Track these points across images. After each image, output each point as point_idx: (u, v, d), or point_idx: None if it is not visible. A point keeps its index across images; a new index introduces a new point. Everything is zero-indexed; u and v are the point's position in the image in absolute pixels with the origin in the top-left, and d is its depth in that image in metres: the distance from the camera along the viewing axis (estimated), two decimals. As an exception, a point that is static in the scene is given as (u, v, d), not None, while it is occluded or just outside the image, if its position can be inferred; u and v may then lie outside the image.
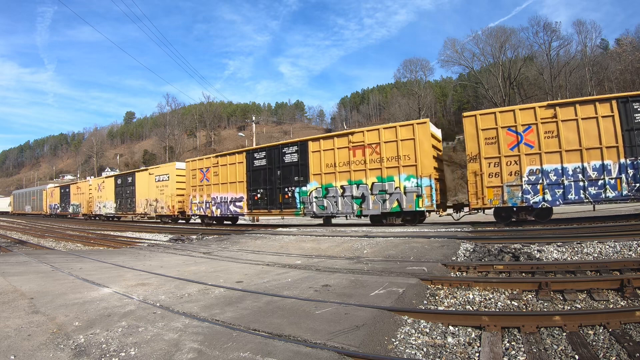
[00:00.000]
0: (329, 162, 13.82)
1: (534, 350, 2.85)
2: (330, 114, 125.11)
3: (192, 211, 19.86)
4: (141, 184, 24.26)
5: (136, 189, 24.84)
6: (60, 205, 38.16)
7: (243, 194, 16.85)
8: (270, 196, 15.65)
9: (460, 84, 70.44)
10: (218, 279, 5.29)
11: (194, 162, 20.05)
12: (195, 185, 19.47)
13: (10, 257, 8.45)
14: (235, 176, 17.26)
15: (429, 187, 11.66)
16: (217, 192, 18.26)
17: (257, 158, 16.37)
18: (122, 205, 26.61)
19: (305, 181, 14.48)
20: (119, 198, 27.00)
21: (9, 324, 3.19)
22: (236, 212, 17.41)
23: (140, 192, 24.42)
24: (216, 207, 18.26)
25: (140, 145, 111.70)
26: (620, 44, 53.80)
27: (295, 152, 14.96)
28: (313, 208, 14.17)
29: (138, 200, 24.58)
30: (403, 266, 5.67)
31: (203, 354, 2.55)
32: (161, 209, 22.19)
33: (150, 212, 23.37)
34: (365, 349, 2.66)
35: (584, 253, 6.13)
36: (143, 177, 24.33)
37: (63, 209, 37.40)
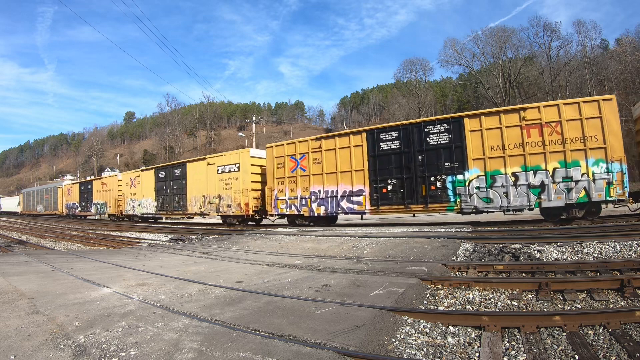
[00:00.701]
0: (495, 143, 11.15)
1: (534, 350, 2.85)
2: (330, 114, 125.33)
3: (278, 209, 15.51)
4: (196, 176, 19.44)
5: (188, 184, 19.96)
6: (80, 205, 33.08)
7: (363, 185, 13.13)
8: (409, 188, 12.25)
9: (460, 84, 70.46)
10: (218, 279, 5.29)
11: (279, 148, 15.60)
12: (283, 177, 15.27)
13: (10, 257, 8.45)
14: (350, 163, 13.47)
15: (620, 173, 10.01)
16: (318, 184, 14.19)
17: (384, 139, 12.82)
18: (166, 203, 21.52)
19: (462, 168, 11.54)
20: (161, 195, 21.92)
21: (9, 324, 3.19)
22: (351, 210, 13.55)
23: (194, 187, 19.61)
24: (318, 204, 14.20)
25: (140, 145, 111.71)
26: (620, 44, 53.76)
27: (444, 131, 11.90)
28: (474, 201, 11.31)
29: (190, 198, 19.73)
30: (403, 266, 5.67)
31: (203, 354, 2.55)
32: (227, 207, 17.56)
33: (209, 212, 18.80)
34: (365, 349, 2.66)
35: (584, 253, 6.13)
36: (198, 168, 19.41)
37: (83, 208, 32.43)
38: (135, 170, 27.25)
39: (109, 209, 27.99)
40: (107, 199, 28.30)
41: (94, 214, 31.23)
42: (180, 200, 20.65)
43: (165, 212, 21.93)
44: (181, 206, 20.49)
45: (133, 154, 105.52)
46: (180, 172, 20.69)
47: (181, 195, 20.51)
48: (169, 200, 21.44)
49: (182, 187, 20.46)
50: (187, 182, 20.14)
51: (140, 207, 23.89)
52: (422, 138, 12.22)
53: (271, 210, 15.88)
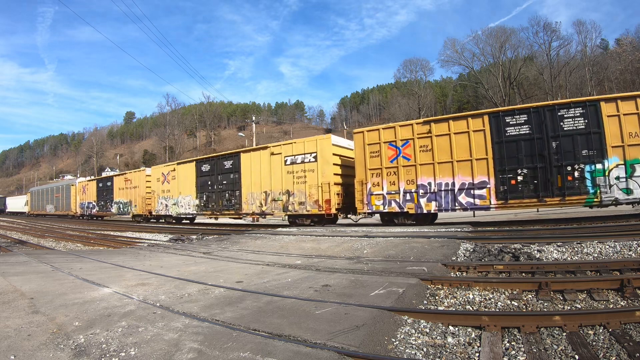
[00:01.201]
0: (633, 130, 10.03)
1: (534, 350, 2.85)
2: (330, 114, 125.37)
3: (372, 206, 13.14)
4: (253, 169, 16.43)
5: (242, 178, 16.86)
6: (97, 204, 29.69)
7: (486, 176, 11.32)
8: (542, 178, 10.72)
9: (460, 84, 70.52)
10: (218, 279, 5.29)
11: (373, 133, 13.21)
12: (379, 168, 12.97)
13: (10, 257, 8.45)
14: (469, 151, 11.60)
15: None
16: (428, 176, 12.19)
17: (510, 124, 11.18)
18: (212, 201, 18.44)
19: (600, 156, 10.33)
20: (204, 192, 18.84)
21: (9, 324, 3.19)
22: (472, 205, 11.61)
23: (251, 182, 16.51)
24: (428, 199, 12.22)
25: (140, 145, 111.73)
26: (620, 44, 53.83)
27: (579, 115, 10.63)
28: (614, 192, 10.14)
29: (246, 194, 16.63)
30: (403, 266, 5.67)
31: (203, 354, 2.55)
32: (299, 205, 14.73)
33: (273, 211, 15.78)
34: (365, 349, 2.66)
35: (584, 253, 6.13)
36: (257, 159, 16.38)
37: (102, 208, 28.96)
38: (169, 163, 23.35)
39: (135, 208, 24.51)
40: (132, 197, 24.81)
41: (115, 215, 27.86)
42: (232, 197, 17.31)
43: (211, 212, 18.50)
44: (233, 205, 17.16)
45: (133, 154, 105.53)
46: (232, 164, 17.45)
47: (233, 192, 17.25)
48: (216, 197, 18.03)
49: (235, 182, 17.23)
50: (241, 176, 16.93)
51: (176, 206, 20.56)
52: (556, 122, 10.74)
53: (362, 208, 13.29)
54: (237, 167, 17.25)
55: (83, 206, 32.55)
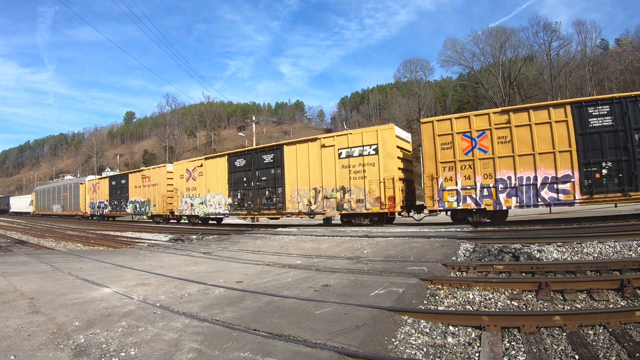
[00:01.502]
0: None
1: (534, 350, 2.85)
2: (330, 114, 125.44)
3: (445, 203, 11.96)
4: (299, 163, 14.75)
5: (286, 173, 15.12)
6: (110, 203, 27.53)
7: (570, 170, 10.52)
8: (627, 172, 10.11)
9: (460, 84, 70.53)
10: (218, 279, 5.29)
11: (444, 123, 12.16)
12: (452, 161, 11.90)
13: (10, 257, 8.45)
14: (552, 142, 10.71)
15: None
16: (507, 169, 11.21)
17: (593, 114, 10.54)
18: (248, 200, 16.44)
19: None
20: (238, 189, 16.92)
21: (9, 324, 3.19)
22: (555, 200, 10.78)
23: (296, 178, 14.79)
24: (508, 195, 11.17)
25: (140, 145, 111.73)
26: (620, 44, 53.85)
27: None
28: None
29: (290, 192, 14.92)
30: (403, 266, 5.67)
31: (203, 354, 2.55)
32: (356, 203, 13.25)
33: (325, 209, 14.01)
34: (365, 349, 2.66)
35: (584, 253, 6.13)
36: (304, 152, 14.61)
37: (115, 207, 26.81)
38: (195, 158, 20.68)
39: (153, 208, 22.32)
40: (151, 195, 22.66)
41: (130, 215, 25.54)
42: (272, 195, 15.50)
43: (247, 212, 16.59)
44: (274, 203, 15.40)
45: (133, 154, 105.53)
46: (273, 158, 15.67)
47: (274, 189, 15.48)
48: (254, 195, 16.18)
49: (276, 177, 15.44)
50: (284, 171, 15.18)
51: (204, 205, 18.55)
52: (638, 114, 10.22)
53: (433, 205, 12.14)
54: (279, 161, 15.39)
55: (93, 206, 30.23)
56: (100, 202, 29.29)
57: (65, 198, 35.71)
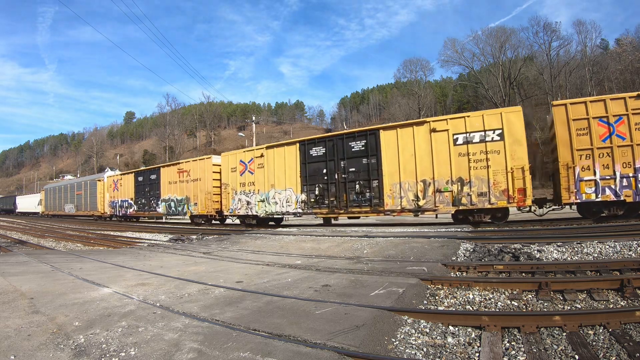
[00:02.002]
0: None
1: (534, 350, 2.85)
2: (330, 114, 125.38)
3: (582, 195, 10.65)
4: (402, 150, 12.45)
5: (383, 163, 12.73)
6: (136, 202, 24.07)
7: None
8: None
9: (460, 84, 70.50)
10: (218, 279, 5.29)
11: (578, 107, 10.94)
12: (590, 149, 10.68)
13: (10, 257, 8.45)
14: None
15: None
16: None
17: None
18: (331, 195, 13.82)
19: None
20: (316, 183, 14.20)
21: (9, 324, 3.19)
22: None
23: (397, 168, 12.49)
24: None
25: (140, 145, 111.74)
26: (620, 44, 53.85)
27: None
28: None
29: (390, 185, 12.57)
30: (403, 266, 5.67)
31: (203, 354, 2.55)
32: (478, 197, 11.33)
33: (437, 205, 11.87)
34: (365, 349, 2.66)
35: (584, 253, 6.13)
36: (406, 138, 12.43)
37: (143, 207, 23.40)
38: (252, 147, 17.77)
39: (194, 207, 19.27)
40: (190, 192, 19.54)
41: (163, 215, 22.20)
42: (365, 189, 13.05)
43: (328, 210, 13.89)
44: (368, 199, 13.00)
45: (133, 154, 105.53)
46: (365, 145, 13.17)
47: (367, 183, 13.00)
48: (339, 190, 13.61)
49: (370, 168, 13.01)
50: (380, 161, 12.81)
51: (266, 203, 15.81)
52: None
53: (569, 197, 10.75)
54: (373, 149, 13.01)
55: (114, 205, 26.70)
56: (123, 200, 25.50)
57: (80, 197, 32.10)
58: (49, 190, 40.53)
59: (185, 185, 20.12)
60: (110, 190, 27.53)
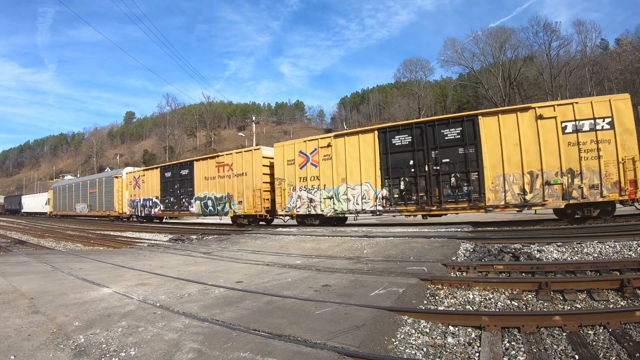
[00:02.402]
0: None
1: (534, 350, 2.85)
2: (330, 114, 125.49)
3: None
4: (505, 139, 11.10)
5: (484, 153, 11.27)
6: (162, 201, 21.48)
7: None
8: None
9: (460, 84, 70.52)
10: (218, 279, 5.29)
11: None
12: None
13: (10, 257, 8.45)
14: None
15: None
16: None
17: None
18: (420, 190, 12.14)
19: None
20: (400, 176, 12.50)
21: (9, 324, 3.19)
22: None
23: (500, 158, 11.10)
24: None
25: (140, 145, 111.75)
26: (620, 44, 53.85)
27: None
28: None
29: (492, 177, 11.19)
30: (403, 266, 5.67)
31: (203, 354, 2.55)
32: (590, 190, 10.46)
33: (544, 200, 10.64)
34: (365, 349, 2.66)
35: (584, 253, 6.13)
36: (509, 125, 11.11)
37: (171, 206, 20.78)
38: (317, 136, 15.15)
39: (239, 206, 16.88)
40: (233, 189, 17.09)
41: (196, 215, 19.78)
42: (462, 183, 11.52)
43: (417, 206, 12.20)
44: (466, 194, 11.46)
45: (133, 154, 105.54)
46: (461, 132, 11.61)
47: (464, 175, 11.50)
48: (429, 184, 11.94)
49: (468, 159, 11.39)
50: (480, 151, 11.31)
51: (335, 200, 13.78)
52: None
53: None
54: (471, 137, 11.53)
55: (135, 204, 24.03)
56: (146, 199, 22.79)
57: (94, 196, 29.28)
58: (58, 189, 37.34)
59: (226, 181, 17.59)
60: (131, 187, 24.77)
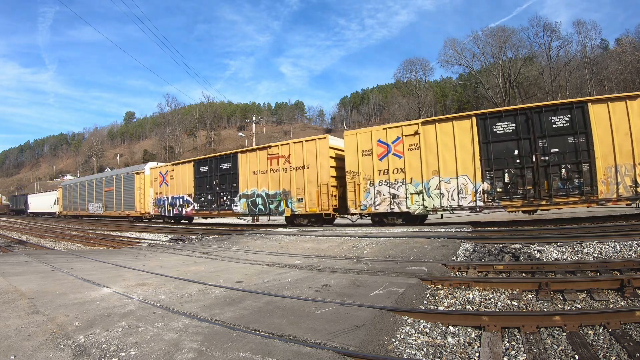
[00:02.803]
0: None
1: (534, 350, 2.85)
2: (330, 114, 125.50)
3: None
4: (616, 128, 10.26)
5: (595, 142, 10.35)
6: (196, 199, 18.85)
7: None
8: None
9: (460, 84, 70.55)
10: (218, 279, 5.29)
11: None
12: None
13: (10, 257, 8.45)
14: None
15: None
16: None
17: None
18: (527, 182, 10.94)
19: None
20: (503, 168, 11.26)
21: (9, 324, 3.19)
22: None
23: (612, 149, 10.25)
24: None
25: (140, 145, 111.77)
26: (620, 44, 53.87)
27: None
28: None
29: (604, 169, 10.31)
30: (403, 266, 5.67)
31: (203, 354, 2.55)
32: None
33: None
34: (365, 349, 2.66)
35: (584, 253, 6.13)
36: (620, 111, 10.26)
37: (208, 205, 18.27)
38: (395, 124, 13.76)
39: (297, 204, 14.87)
40: (291, 185, 15.07)
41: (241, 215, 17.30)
42: (573, 174, 10.51)
43: (523, 200, 10.92)
44: (577, 186, 10.42)
45: (133, 154, 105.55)
46: (570, 120, 10.60)
47: (576, 166, 10.46)
48: (537, 176, 10.80)
49: (579, 149, 10.43)
50: (592, 140, 10.39)
51: (425, 195, 12.26)
52: None
53: None
54: (581, 125, 10.45)
55: (161, 204, 21.22)
56: (175, 197, 20.11)
57: (110, 194, 26.60)
58: (68, 187, 34.56)
59: (280, 175, 15.44)
60: (156, 185, 21.81)
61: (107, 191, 27.52)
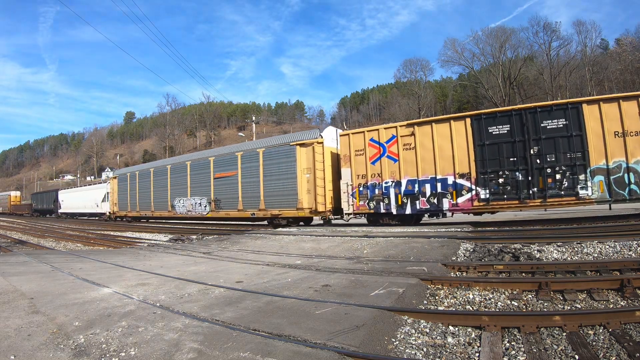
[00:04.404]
0: None
1: (534, 350, 2.85)
2: (330, 114, 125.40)
3: None
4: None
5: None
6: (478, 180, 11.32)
7: None
8: None
9: (460, 84, 70.56)
10: (218, 279, 5.29)
11: None
12: None
13: (11, 257, 8.45)
14: None
15: None
16: None
17: None
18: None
19: None
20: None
21: (9, 324, 3.19)
22: None
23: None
24: None
25: (140, 145, 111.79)
26: (620, 44, 53.89)
27: None
28: None
29: None
30: (403, 266, 5.67)
31: (203, 354, 2.55)
32: None
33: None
34: (365, 349, 2.66)
35: (584, 253, 6.13)
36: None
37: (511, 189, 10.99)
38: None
39: None
40: None
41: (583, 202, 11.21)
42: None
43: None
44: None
45: (133, 154, 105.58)
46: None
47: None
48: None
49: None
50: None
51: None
52: None
53: None
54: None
55: (371, 189, 13.09)
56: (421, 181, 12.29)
57: (228, 183, 16.98)
58: (126, 177, 24.06)
59: None
60: (358, 161, 13.39)
61: (216, 179, 17.57)
